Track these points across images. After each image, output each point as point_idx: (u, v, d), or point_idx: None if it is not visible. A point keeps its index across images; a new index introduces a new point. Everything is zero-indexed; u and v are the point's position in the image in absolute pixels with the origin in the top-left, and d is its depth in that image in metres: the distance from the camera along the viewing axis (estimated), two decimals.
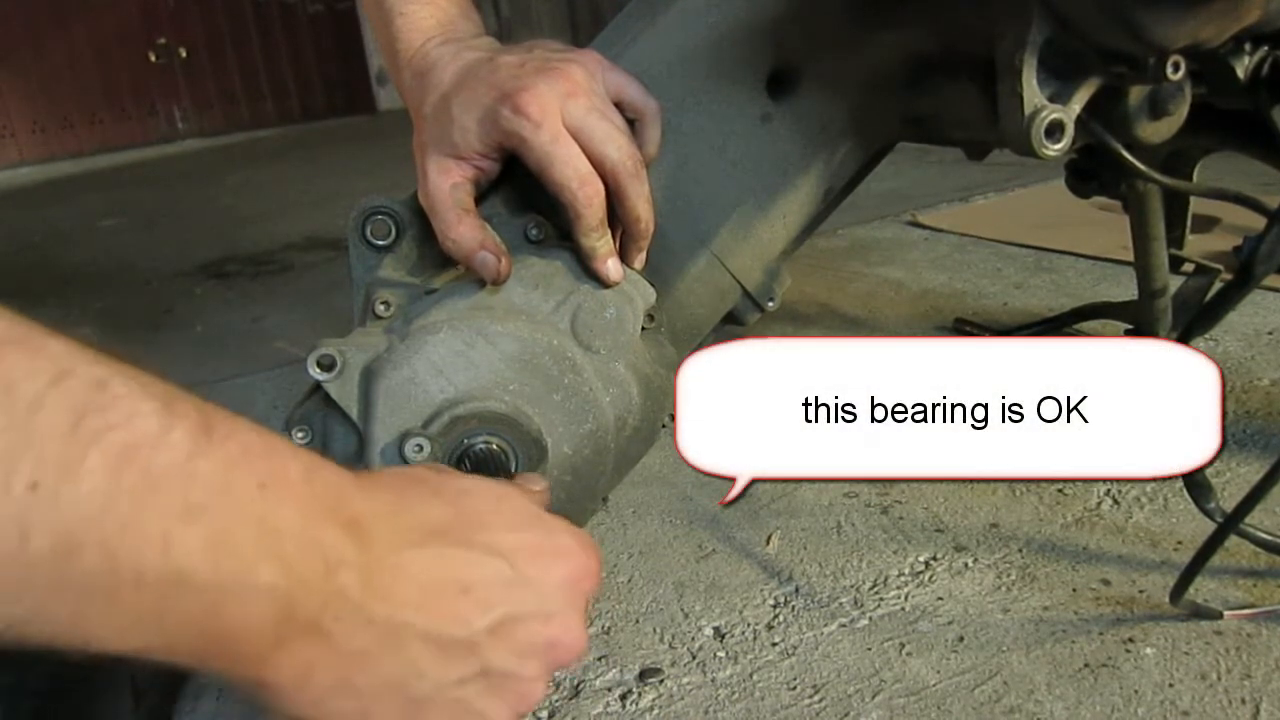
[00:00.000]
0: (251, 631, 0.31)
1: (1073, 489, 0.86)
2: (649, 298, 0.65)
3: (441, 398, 0.57)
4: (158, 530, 0.29)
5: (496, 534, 0.40)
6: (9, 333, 0.28)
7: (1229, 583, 0.70)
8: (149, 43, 5.75)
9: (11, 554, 0.27)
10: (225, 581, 0.30)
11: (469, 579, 0.38)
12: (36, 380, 0.27)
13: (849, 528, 0.83)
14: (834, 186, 0.81)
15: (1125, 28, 0.60)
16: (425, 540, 0.38)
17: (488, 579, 0.39)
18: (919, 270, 1.57)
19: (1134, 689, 0.61)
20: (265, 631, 0.32)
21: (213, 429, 0.31)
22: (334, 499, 0.35)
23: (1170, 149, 0.80)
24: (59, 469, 0.27)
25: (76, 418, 0.28)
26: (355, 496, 0.36)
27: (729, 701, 0.64)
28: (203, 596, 0.30)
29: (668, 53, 0.74)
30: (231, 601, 0.30)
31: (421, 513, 0.39)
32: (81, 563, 0.27)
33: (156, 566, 0.29)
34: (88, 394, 0.28)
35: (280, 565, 0.31)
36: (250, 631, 0.31)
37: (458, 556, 0.38)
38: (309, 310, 1.76)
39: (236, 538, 0.30)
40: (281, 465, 0.33)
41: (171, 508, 0.29)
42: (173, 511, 0.29)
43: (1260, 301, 1.22)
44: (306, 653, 0.33)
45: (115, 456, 0.28)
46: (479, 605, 0.38)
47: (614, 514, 0.89)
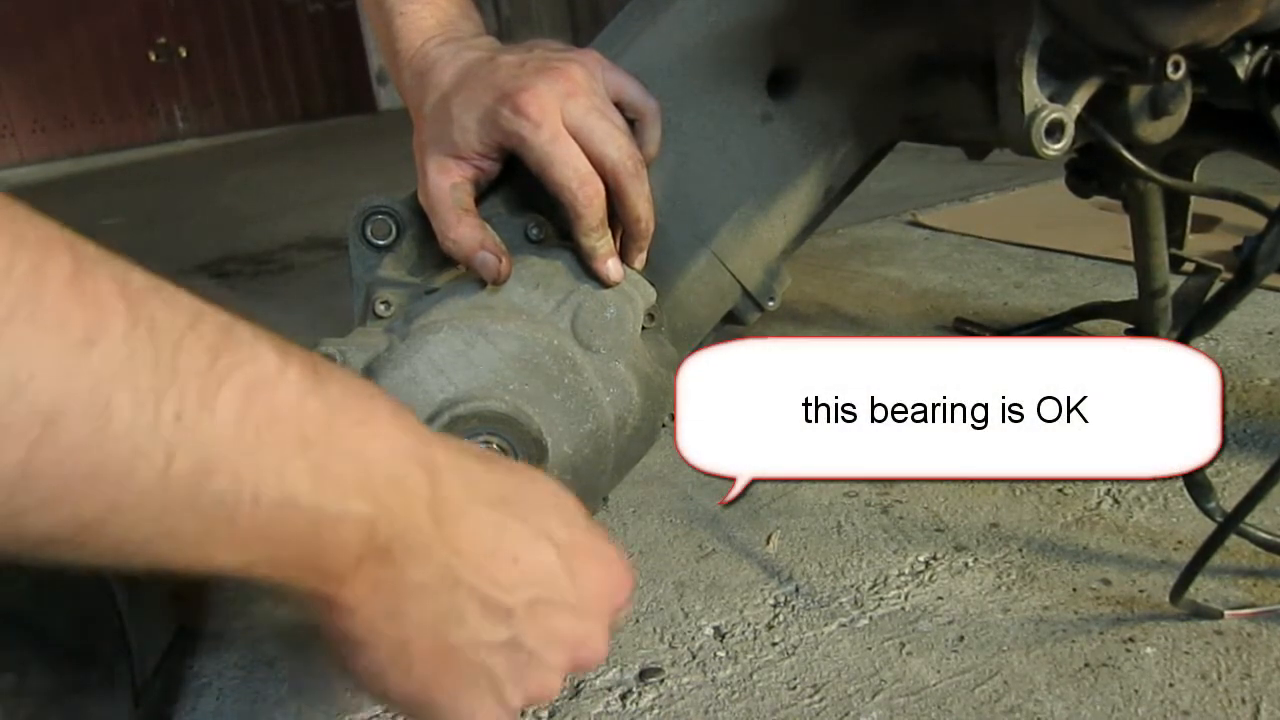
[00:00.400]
0: (341, 551, 0.35)
1: (1073, 489, 0.86)
2: (649, 297, 0.65)
3: (442, 397, 0.57)
4: (275, 459, 0.32)
5: (551, 522, 0.43)
6: (148, 282, 0.31)
7: (1229, 582, 0.70)
8: (149, 42, 5.75)
9: (159, 475, 0.30)
10: (325, 506, 0.34)
11: (520, 552, 0.41)
12: (177, 323, 0.31)
13: (849, 527, 0.83)
14: (834, 186, 0.81)
15: (1125, 27, 0.60)
16: (490, 503, 0.40)
17: (537, 558, 0.41)
18: (919, 270, 1.57)
19: (1134, 689, 0.61)
20: (351, 552, 0.35)
21: (319, 371, 0.35)
22: (417, 443, 0.38)
23: (1170, 148, 0.80)
24: (199, 402, 0.30)
25: (212, 357, 0.31)
26: (436, 446, 0.39)
27: (729, 701, 0.64)
28: (306, 518, 0.33)
29: (668, 52, 0.74)
30: (328, 524, 0.34)
31: (490, 479, 0.41)
32: (213, 485, 0.31)
33: (271, 490, 0.32)
34: (218, 336, 0.32)
35: (369, 495, 0.35)
36: (340, 550, 0.35)
37: (514, 528, 0.41)
38: (309, 310, 1.76)
39: (337, 469, 0.34)
40: (375, 407, 0.37)
41: (287, 439, 0.33)
42: (288, 443, 0.33)
43: (1261, 301, 1.22)
44: (375, 574, 0.36)
45: (243, 392, 0.31)
46: (524, 578, 0.40)
47: (614, 513, 0.89)
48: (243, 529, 0.32)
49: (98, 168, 4.87)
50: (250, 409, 0.32)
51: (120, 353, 0.29)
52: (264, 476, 0.32)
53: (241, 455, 0.31)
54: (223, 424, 0.31)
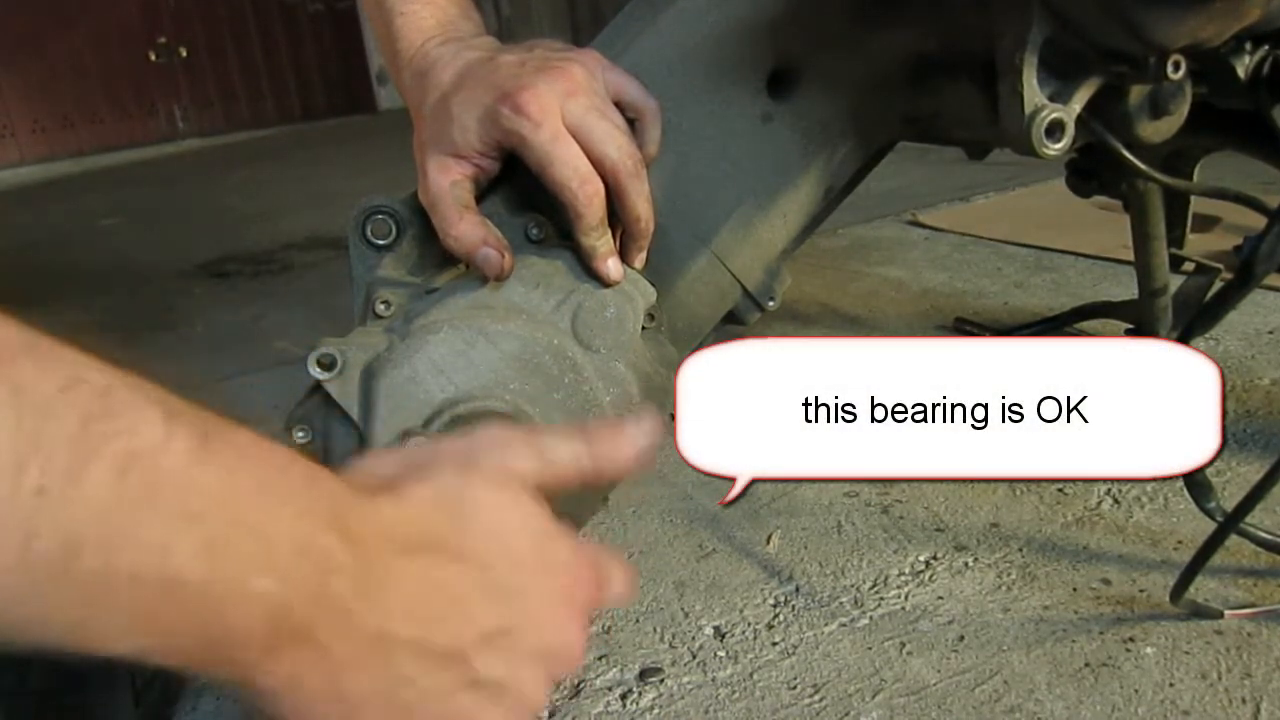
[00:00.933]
0: (245, 636, 0.32)
1: (1073, 489, 0.86)
2: (649, 297, 0.65)
3: (442, 397, 0.57)
4: (157, 535, 0.29)
5: (493, 544, 0.40)
6: (19, 339, 0.28)
7: (1229, 582, 0.70)
8: (149, 42, 5.76)
9: (18, 555, 0.27)
10: (220, 587, 0.30)
11: (460, 590, 0.38)
12: (46, 386, 0.28)
13: (849, 527, 0.83)
14: (834, 186, 0.81)
15: (1126, 27, 0.60)
16: (419, 549, 0.37)
17: (480, 590, 0.39)
18: (919, 270, 1.57)
19: (1134, 688, 0.61)
20: (258, 636, 0.32)
21: (211, 436, 0.31)
22: (331, 506, 0.35)
23: (1171, 148, 0.80)
24: (65, 474, 0.27)
25: (83, 424, 0.28)
26: (352, 505, 0.36)
27: (729, 701, 0.64)
28: (198, 601, 0.30)
29: (668, 52, 0.74)
30: (227, 606, 0.31)
31: (419, 522, 0.38)
32: (82, 565, 0.28)
33: (154, 570, 0.29)
34: (94, 401, 0.29)
35: (274, 572, 0.32)
36: (244, 635, 0.32)
37: (449, 569, 0.38)
38: (309, 309, 1.76)
39: (232, 544, 0.31)
40: (279, 472, 0.34)
41: (171, 513, 0.29)
42: (172, 517, 0.29)
43: (1261, 301, 1.22)
44: (297, 658, 0.33)
45: (119, 463, 0.29)
46: (469, 616, 0.38)
47: (614, 513, 0.89)
48: (124, 612, 0.29)
49: (98, 168, 4.87)
50: (125, 480, 0.29)
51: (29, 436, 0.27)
52: (142, 554, 0.29)
53: (114, 531, 0.28)
54: (92, 498, 0.28)
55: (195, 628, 0.31)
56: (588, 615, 0.44)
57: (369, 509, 0.37)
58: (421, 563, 0.37)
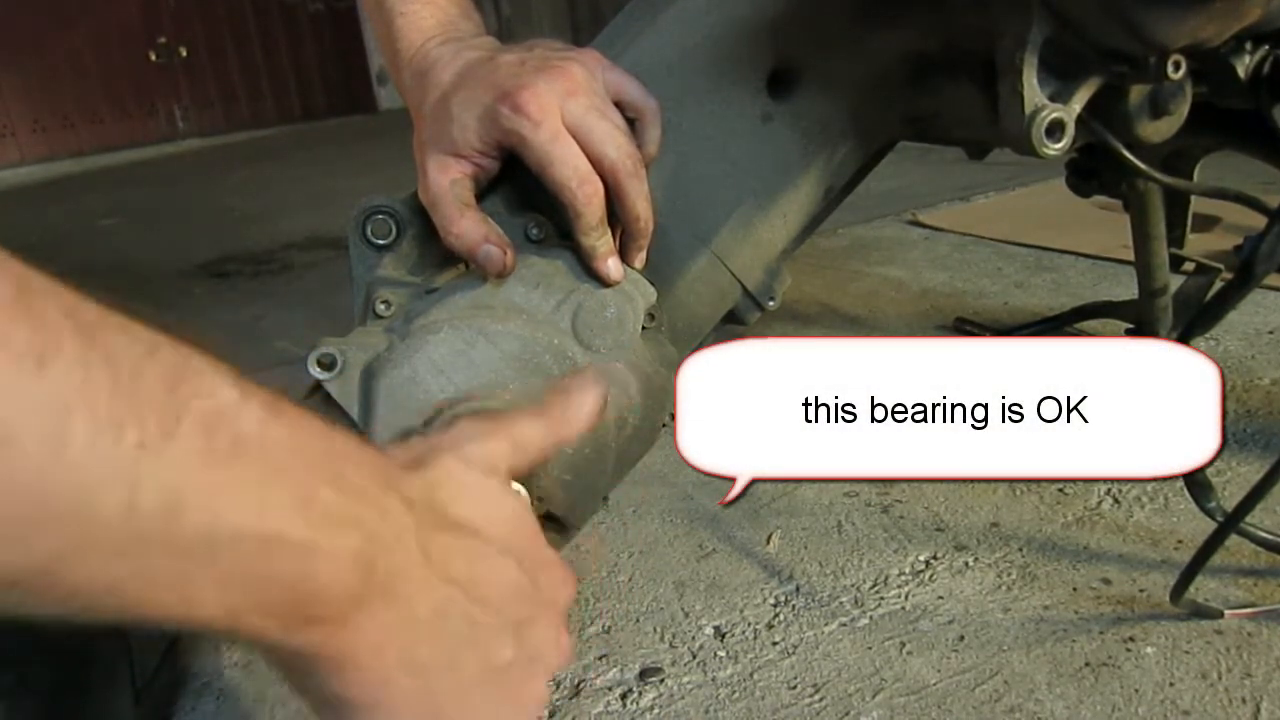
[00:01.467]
0: (339, 588, 0.32)
1: (1073, 488, 0.86)
2: (649, 297, 0.65)
3: (442, 397, 0.57)
4: (252, 491, 0.30)
5: (506, 535, 0.41)
6: (99, 311, 0.29)
7: (1229, 582, 0.70)
8: (150, 42, 5.75)
9: (123, 510, 0.27)
10: (315, 539, 0.31)
11: (494, 573, 0.39)
12: (134, 352, 0.29)
13: (849, 527, 0.83)
14: (834, 186, 0.81)
15: (1126, 27, 0.60)
16: (456, 529, 0.39)
17: (507, 576, 0.40)
18: (919, 269, 1.57)
19: (1135, 688, 0.61)
20: (350, 590, 0.32)
21: (278, 403, 0.33)
22: (385, 472, 0.36)
23: (1171, 148, 0.80)
24: (160, 431, 0.28)
25: (170, 387, 0.29)
26: (399, 473, 0.37)
27: (729, 700, 0.64)
28: (294, 554, 0.31)
29: (668, 52, 0.74)
30: (320, 560, 0.31)
31: (449, 503, 0.39)
32: (185, 520, 0.29)
33: (253, 525, 0.30)
34: (176, 366, 0.30)
35: (359, 526, 0.33)
36: (338, 588, 0.32)
37: (482, 550, 0.39)
38: (309, 309, 1.76)
39: (319, 499, 0.32)
40: (339, 436, 0.35)
41: (259, 470, 0.31)
42: (261, 473, 0.31)
43: (1261, 301, 1.22)
44: (382, 617, 0.34)
45: (206, 421, 0.30)
46: (505, 597, 0.39)
47: (614, 513, 0.89)
48: (225, 570, 0.30)
49: (98, 168, 4.87)
50: (213, 439, 0.30)
51: (75, 375, 0.27)
52: (240, 510, 0.30)
53: (214, 488, 0.29)
54: (187, 453, 0.29)
55: (291, 583, 0.31)
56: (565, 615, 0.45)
57: (413, 478, 0.38)
58: (461, 540, 0.38)
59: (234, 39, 5.96)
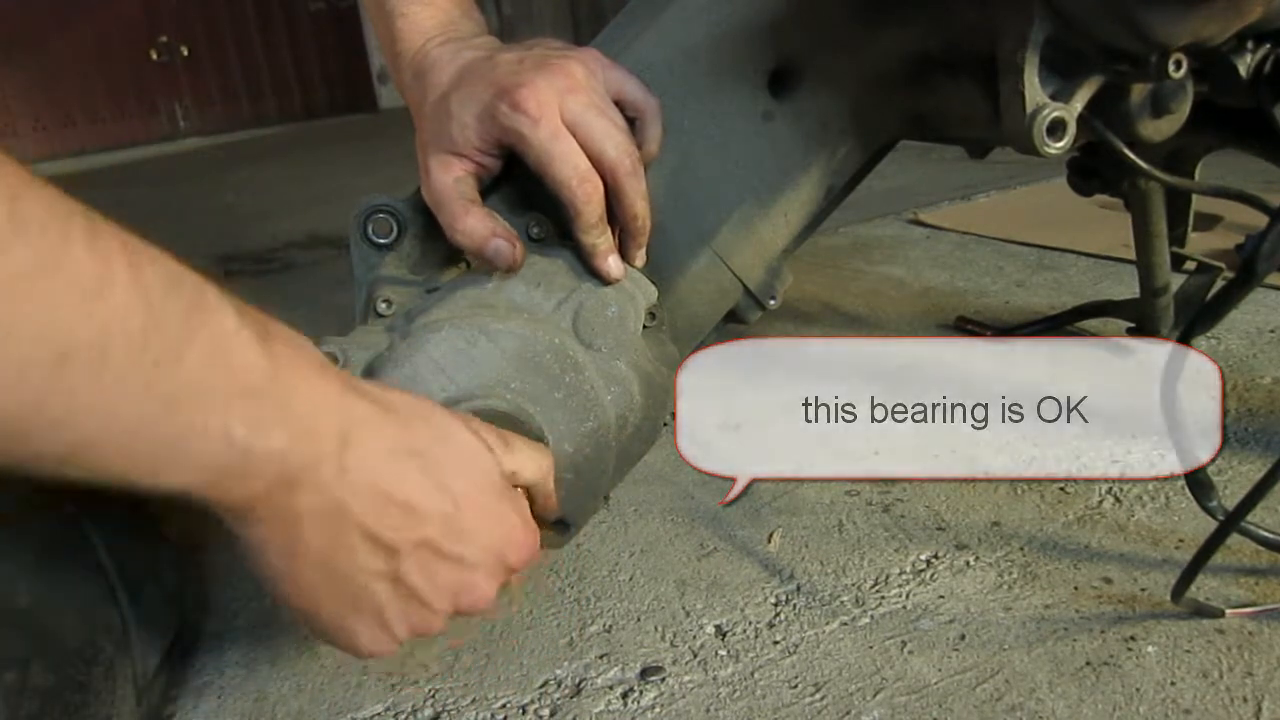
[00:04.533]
0: (259, 479, 0.41)
1: (1074, 487, 0.86)
2: (650, 295, 0.65)
3: (443, 396, 0.57)
4: (224, 403, 0.39)
5: (455, 480, 0.48)
6: (140, 244, 0.37)
7: (1231, 581, 0.70)
8: (151, 41, 5.75)
9: (137, 409, 0.36)
10: (254, 444, 0.40)
11: (415, 501, 0.46)
12: (161, 282, 0.37)
13: (850, 526, 0.83)
14: (835, 184, 0.81)
15: (1127, 25, 0.60)
16: (396, 455, 0.46)
17: (431, 507, 0.47)
18: (920, 268, 1.57)
19: (1136, 687, 0.61)
20: (266, 480, 0.41)
21: (268, 331, 0.42)
22: (340, 395, 0.44)
23: (1172, 147, 0.80)
24: (173, 352, 0.37)
25: (186, 315, 0.38)
26: (356, 402, 0.45)
27: (730, 700, 0.64)
28: (239, 453, 0.40)
29: (669, 51, 0.74)
30: (254, 457, 0.40)
31: (403, 434, 0.47)
32: (175, 419, 0.37)
33: (217, 428, 0.39)
34: (193, 296, 0.38)
35: (288, 434, 0.41)
36: (258, 479, 0.41)
37: (414, 479, 0.46)
38: (311, 308, 1.76)
39: (268, 414, 0.41)
40: (307, 363, 0.44)
41: (235, 388, 0.39)
42: (235, 391, 0.39)
43: (1262, 300, 1.22)
44: (279, 499, 0.42)
45: (207, 346, 0.38)
46: (414, 523, 0.46)
47: (615, 512, 0.89)
48: (192, 458, 0.39)
49: (99, 166, 4.87)
50: (211, 360, 0.38)
51: (121, 305, 0.35)
52: (212, 417, 0.39)
53: (199, 398, 0.38)
54: (189, 371, 0.37)
55: (232, 472, 0.40)
56: (508, 572, 0.53)
57: (370, 407, 0.46)
58: (394, 464, 0.46)
59: (235, 38, 5.96)
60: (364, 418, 0.45)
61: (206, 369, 0.38)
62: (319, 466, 0.43)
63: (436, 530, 0.47)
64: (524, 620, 0.75)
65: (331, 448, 0.43)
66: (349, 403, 0.45)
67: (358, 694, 0.68)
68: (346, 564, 0.46)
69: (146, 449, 0.37)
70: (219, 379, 0.39)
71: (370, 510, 0.45)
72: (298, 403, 0.42)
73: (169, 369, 0.36)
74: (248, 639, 0.75)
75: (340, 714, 0.67)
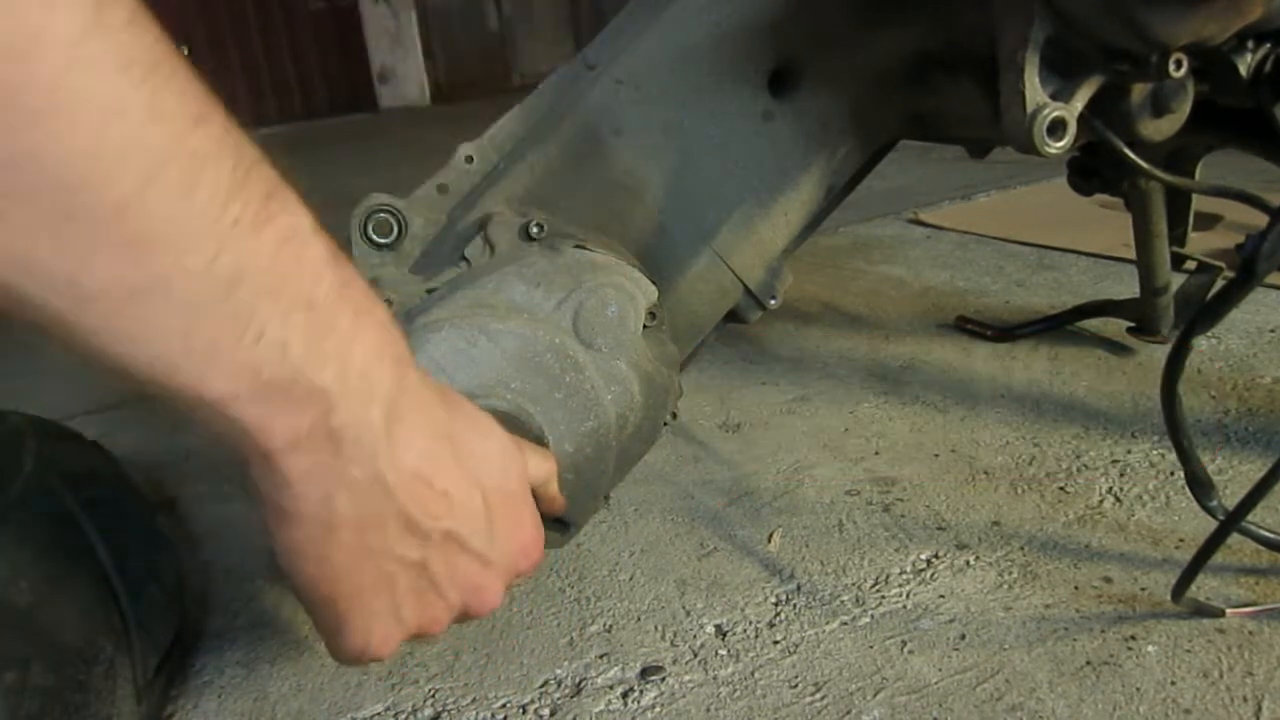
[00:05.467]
0: (299, 415, 0.38)
1: (1074, 487, 0.86)
2: (650, 295, 0.65)
3: None
4: (287, 303, 0.36)
5: (486, 474, 0.46)
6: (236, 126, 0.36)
7: (1231, 580, 0.70)
8: None
9: (205, 264, 0.33)
10: (305, 366, 0.37)
11: (451, 489, 0.44)
12: (252, 153, 0.36)
13: (850, 526, 0.83)
14: (835, 184, 0.81)
15: (1128, 25, 0.60)
16: (437, 437, 0.44)
17: (463, 499, 0.45)
18: (921, 268, 1.57)
19: (1136, 687, 0.61)
20: (305, 420, 0.38)
21: (339, 257, 0.39)
22: (397, 358, 0.41)
23: (1172, 146, 0.80)
24: (253, 220, 0.35)
25: (268, 194, 0.36)
26: (411, 371, 0.43)
27: (730, 699, 0.64)
28: (288, 370, 0.37)
29: (669, 51, 0.74)
30: (301, 383, 0.37)
31: (445, 418, 0.45)
32: (238, 294, 0.35)
33: (274, 330, 0.36)
34: (274, 182, 0.37)
35: (341, 376, 0.38)
36: (299, 414, 0.38)
37: (450, 467, 0.44)
38: None
39: (326, 338, 0.38)
40: (374, 310, 0.41)
41: (300, 293, 0.37)
42: (300, 295, 0.37)
43: (1262, 299, 1.22)
44: (319, 455, 0.39)
45: (283, 232, 0.36)
46: (447, 512, 0.44)
47: (616, 512, 0.89)
48: (242, 355, 0.35)
49: None
50: (283, 250, 0.36)
51: (215, 144, 0.34)
52: (273, 313, 0.36)
53: (267, 282, 0.35)
54: (262, 248, 0.35)
55: (274, 391, 0.37)
56: (516, 577, 0.51)
57: (421, 382, 0.44)
58: (435, 447, 0.43)
59: (235, 37, 5.96)
60: (414, 390, 0.43)
61: (279, 257, 0.36)
62: (368, 428, 0.40)
63: (466, 524, 0.45)
64: (524, 620, 0.75)
65: (380, 416, 0.40)
66: (404, 369, 0.42)
67: (358, 694, 0.68)
68: (378, 544, 0.43)
69: (199, 325, 0.34)
70: (289, 276, 0.36)
71: (410, 492, 0.42)
72: (359, 343, 0.39)
73: (246, 235, 0.34)
74: (248, 639, 0.76)
75: (340, 714, 0.67)
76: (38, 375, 1.50)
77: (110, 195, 0.31)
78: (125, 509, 0.72)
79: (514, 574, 0.50)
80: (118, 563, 0.63)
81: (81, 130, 0.30)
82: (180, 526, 0.94)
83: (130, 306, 0.33)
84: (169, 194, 0.32)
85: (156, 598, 0.68)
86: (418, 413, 0.42)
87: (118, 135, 0.31)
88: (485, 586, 0.48)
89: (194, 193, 0.33)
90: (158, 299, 0.33)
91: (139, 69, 0.32)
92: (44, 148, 0.30)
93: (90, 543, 0.62)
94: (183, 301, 0.33)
